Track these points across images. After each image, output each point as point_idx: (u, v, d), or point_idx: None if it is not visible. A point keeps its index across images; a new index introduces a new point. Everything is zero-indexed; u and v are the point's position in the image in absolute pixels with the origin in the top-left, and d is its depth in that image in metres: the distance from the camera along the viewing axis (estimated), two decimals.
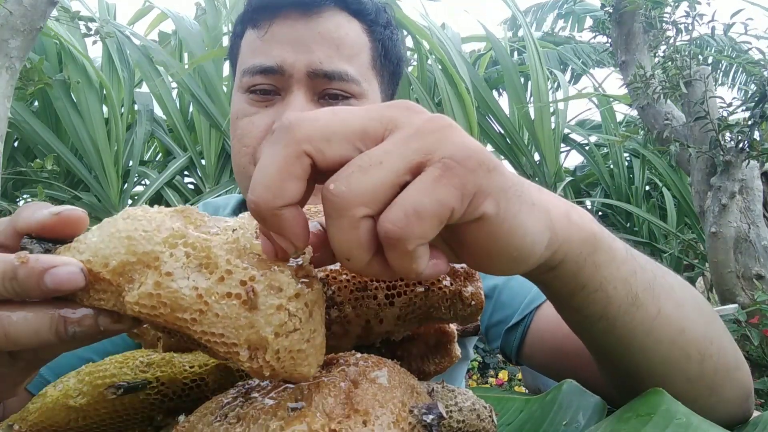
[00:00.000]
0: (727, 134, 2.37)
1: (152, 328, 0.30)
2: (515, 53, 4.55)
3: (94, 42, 2.99)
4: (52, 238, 0.28)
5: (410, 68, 3.44)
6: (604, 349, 0.43)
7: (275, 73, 0.65)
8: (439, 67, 3.19)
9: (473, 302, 0.37)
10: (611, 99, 4.12)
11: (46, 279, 0.26)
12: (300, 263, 0.27)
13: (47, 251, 0.28)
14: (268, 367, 0.25)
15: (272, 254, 0.26)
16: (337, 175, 0.25)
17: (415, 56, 3.37)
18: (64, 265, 0.26)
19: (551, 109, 3.55)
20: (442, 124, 0.27)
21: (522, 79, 3.78)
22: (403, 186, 0.25)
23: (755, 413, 0.48)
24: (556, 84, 4.12)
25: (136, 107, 3.61)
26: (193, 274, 0.25)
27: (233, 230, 0.28)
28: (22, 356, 0.30)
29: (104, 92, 3.19)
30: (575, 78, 5.14)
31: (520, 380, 3.23)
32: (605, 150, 4.32)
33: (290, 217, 0.26)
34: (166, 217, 0.27)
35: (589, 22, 5.14)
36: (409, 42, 3.38)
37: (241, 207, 0.81)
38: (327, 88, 0.66)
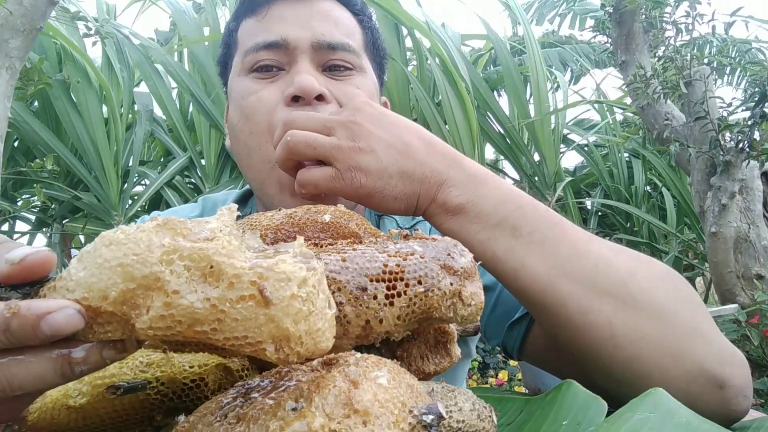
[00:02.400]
0: (727, 134, 2.37)
1: (164, 345, 0.29)
2: (516, 54, 4.55)
3: (94, 43, 2.99)
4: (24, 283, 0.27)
5: (410, 68, 3.43)
6: (522, 298, 0.52)
7: (280, 46, 0.66)
8: (439, 66, 3.18)
9: (473, 302, 0.37)
10: (611, 104, 4.12)
11: (42, 327, 0.25)
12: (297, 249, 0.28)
13: (27, 295, 0.26)
14: (294, 353, 0.26)
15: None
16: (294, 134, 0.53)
17: (415, 56, 3.37)
18: (60, 310, 0.25)
19: (550, 109, 3.55)
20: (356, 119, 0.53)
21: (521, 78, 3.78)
22: None
23: (757, 414, 0.47)
24: (555, 85, 4.11)
25: (135, 107, 3.61)
26: (200, 285, 0.25)
27: (220, 231, 0.28)
28: (27, 398, 0.30)
29: (104, 92, 3.19)
30: (575, 78, 5.14)
31: (520, 380, 3.23)
32: (605, 150, 4.32)
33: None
34: (151, 234, 0.26)
35: (589, 22, 5.14)
36: (408, 42, 3.37)
37: (239, 203, 0.81)
38: (330, 59, 0.67)
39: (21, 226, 3.79)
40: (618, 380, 0.48)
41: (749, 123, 2.27)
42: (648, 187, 4.24)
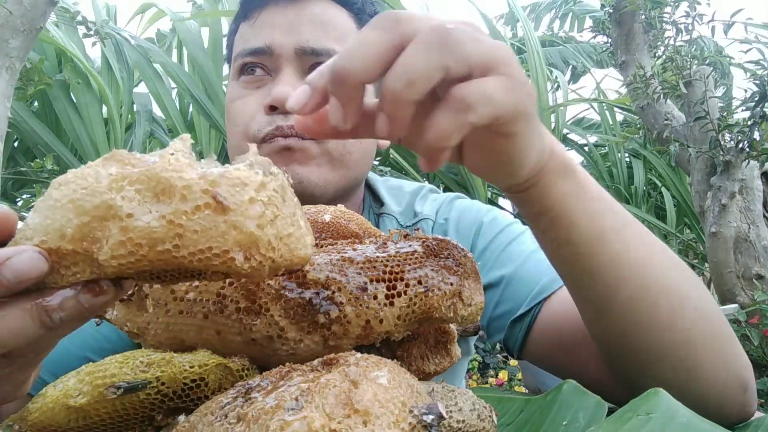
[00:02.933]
0: (727, 134, 2.37)
1: (138, 282, 0.28)
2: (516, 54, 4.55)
3: (94, 43, 2.99)
4: None
5: None
6: (574, 280, 0.47)
7: (264, 53, 0.68)
8: None
9: (473, 302, 0.37)
10: (611, 104, 4.12)
11: (5, 273, 0.25)
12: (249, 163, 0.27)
13: None
14: (267, 260, 0.25)
15: (300, 107, 0.32)
16: (455, 24, 0.31)
17: None
18: (19, 253, 0.25)
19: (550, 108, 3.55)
20: (510, 51, 0.33)
21: None
22: None
23: (758, 414, 0.47)
24: (556, 85, 4.11)
25: (135, 108, 3.61)
26: (153, 205, 0.25)
27: (171, 154, 0.27)
28: (15, 354, 0.29)
29: (102, 95, 3.19)
30: (574, 77, 5.15)
31: (520, 380, 3.23)
32: (605, 149, 4.32)
33: (360, 97, 0.31)
34: (98, 168, 0.26)
35: (588, 22, 5.14)
36: None
37: None
38: (315, 64, 0.68)
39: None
40: (669, 384, 0.42)
41: (749, 123, 2.27)
42: (648, 187, 4.24)
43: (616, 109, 4.26)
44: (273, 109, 0.66)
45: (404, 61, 0.29)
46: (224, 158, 3.39)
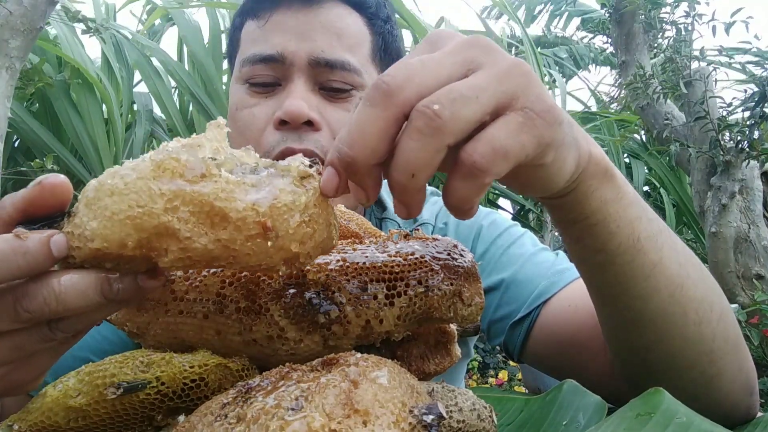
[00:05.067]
0: (727, 134, 2.37)
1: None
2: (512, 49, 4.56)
3: (91, 36, 2.98)
4: (43, 215, 0.29)
5: None
6: (603, 289, 0.45)
7: (276, 61, 0.65)
8: None
9: (473, 302, 0.37)
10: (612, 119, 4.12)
11: (52, 246, 0.28)
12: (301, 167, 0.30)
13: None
14: (303, 265, 0.29)
15: (333, 193, 0.30)
16: (439, 98, 0.27)
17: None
18: (56, 235, 0.28)
19: None
20: (525, 70, 0.29)
21: None
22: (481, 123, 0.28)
23: (759, 414, 0.48)
24: (552, 79, 4.12)
25: (135, 107, 3.61)
26: (208, 228, 0.27)
27: (214, 159, 0.29)
28: (60, 328, 0.30)
29: (102, 94, 3.19)
30: (567, 77, 5.15)
31: (520, 380, 3.23)
32: (604, 150, 4.31)
33: (376, 175, 0.29)
34: (149, 183, 0.27)
35: (575, 21, 5.15)
36: (408, 38, 3.38)
37: None
38: (328, 79, 0.65)
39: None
40: (687, 393, 0.40)
41: (749, 123, 2.27)
42: (647, 188, 4.24)
43: (614, 109, 4.26)
44: (283, 123, 0.63)
45: (402, 153, 0.28)
46: None
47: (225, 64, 3.52)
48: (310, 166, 0.30)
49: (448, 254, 0.37)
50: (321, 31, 0.65)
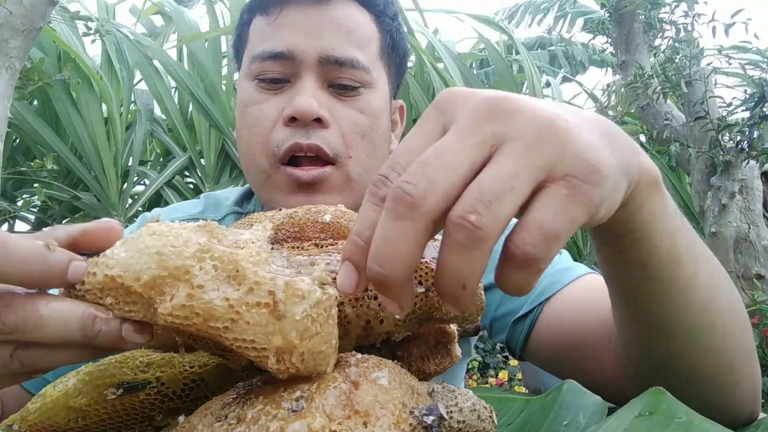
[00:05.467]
0: (727, 134, 2.37)
1: (177, 337, 0.31)
2: (513, 50, 4.57)
3: (93, 41, 2.99)
4: (88, 250, 0.30)
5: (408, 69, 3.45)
6: (635, 300, 0.42)
7: (286, 58, 0.65)
8: (435, 72, 3.20)
9: (474, 303, 0.37)
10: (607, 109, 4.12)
11: (70, 268, 0.28)
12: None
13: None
14: (294, 367, 0.27)
15: (352, 290, 0.28)
16: (474, 205, 0.24)
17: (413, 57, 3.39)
18: (82, 263, 0.28)
19: None
20: (557, 130, 0.26)
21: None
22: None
23: (761, 415, 0.48)
24: (547, 81, 4.13)
25: (135, 106, 3.61)
26: (223, 285, 0.27)
27: (252, 242, 0.30)
28: (22, 358, 0.29)
29: (102, 94, 3.19)
30: (565, 80, 5.15)
31: (520, 380, 3.23)
32: None
33: (411, 288, 0.27)
34: (191, 232, 0.29)
35: (579, 22, 5.14)
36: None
37: (243, 200, 0.80)
38: (338, 77, 0.66)
39: (21, 226, 3.79)
40: (704, 402, 0.40)
41: (749, 123, 2.27)
42: None
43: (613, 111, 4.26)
44: (292, 120, 0.63)
45: (448, 269, 0.25)
46: (224, 158, 3.37)
47: (224, 63, 3.52)
48: (334, 279, 0.30)
49: None
50: (330, 28, 0.65)
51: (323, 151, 0.64)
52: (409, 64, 3.45)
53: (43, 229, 0.31)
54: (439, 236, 0.40)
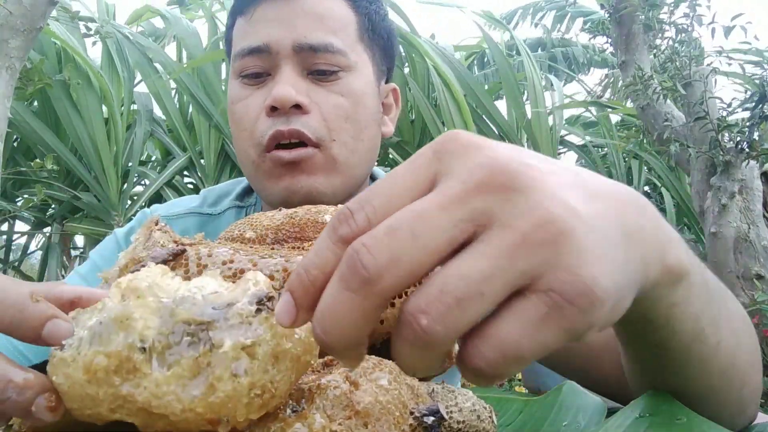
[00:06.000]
0: (727, 134, 2.37)
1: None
2: (514, 50, 4.58)
3: (94, 43, 2.99)
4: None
5: (406, 70, 3.45)
6: (647, 367, 0.40)
7: (262, 52, 0.67)
8: (436, 74, 3.21)
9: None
10: (607, 108, 4.13)
11: (48, 325, 0.26)
12: None
13: None
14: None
15: (289, 324, 0.23)
16: (430, 305, 0.20)
17: (407, 61, 3.40)
18: (64, 323, 0.26)
19: (547, 110, 3.57)
20: (555, 232, 0.21)
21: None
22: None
23: (760, 415, 0.48)
24: (549, 83, 4.12)
25: (135, 107, 3.61)
26: (156, 422, 0.25)
27: (143, 352, 0.24)
28: None
29: (103, 93, 3.19)
30: (567, 80, 5.15)
31: (520, 380, 3.23)
32: (604, 150, 4.32)
33: (360, 351, 0.23)
34: (86, 387, 0.24)
35: (578, 23, 5.15)
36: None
37: (244, 195, 0.82)
38: (314, 63, 0.67)
39: (21, 225, 3.79)
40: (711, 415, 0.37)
41: (749, 123, 2.27)
42: (647, 188, 4.24)
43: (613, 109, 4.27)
44: (273, 109, 0.65)
45: (400, 358, 0.22)
46: (223, 158, 3.36)
47: (223, 65, 3.52)
48: (267, 298, 0.25)
49: None
50: (302, 17, 0.67)
51: (305, 135, 0.65)
52: (407, 66, 3.47)
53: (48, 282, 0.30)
54: None
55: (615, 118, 4.41)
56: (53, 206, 3.49)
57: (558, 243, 0.21)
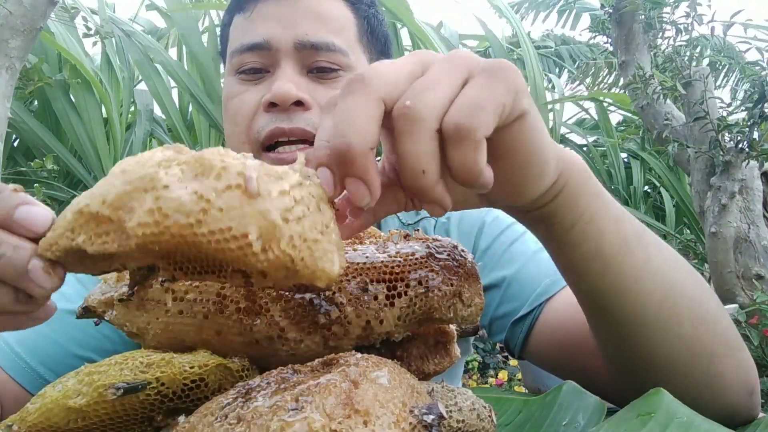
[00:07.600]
0: (727, 134, 2.37)
1: (163, 272, 0.28)
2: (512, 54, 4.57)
3: (95, 43, 2.99)
4: None
5: None
6: (598, 299, 0.44)
7: (262, 48, 0.67)
8: None
9: (473, 303, 0.37)
10: (606, 100, 4.12)
11: (21, 208, 0.27)
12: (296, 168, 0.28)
13: None
14: (287, 257, 0.25)
15: (330, 189, 0.28)
16: (407, 94, 0.29)
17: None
18: (39, 208, 0.27)
19: (548, 107, 3.56)
20: (469, 54, 0.31)
21: None
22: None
23: (761, 415, 0.48)
24: (551, 85, 4.12)
25: (135, 107, 3.61)
26: (191, 182, 0.25)
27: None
28: None
29: (101, 94, 3.19)
30: (570, 80, 5.14)
31: (520, 380, 3.23)
32: (604, 149, 4.32)
33: (374, 161, 0.29)
34: (156, 150, 0.27)
35: (585, 20, 5.13)
36: (407, 40, 3.38)
37: None
38: (315, 61, 0.67)
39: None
40: (690, 396, 0.40)
41: (748, 123, 2.27)
42: (647, 188, 4.24)
43: (613, 108, 4.27)
44: (272, 105, 0.65)
45: (402, 158, 0.29)
46: None
47: (223, 67, 3.52)
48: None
49: (449, 255, 0.37)
50: (304, 16, 0.67)
51: (309, 133, 0.65)
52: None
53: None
54: (439, 236, 0.40)
55: (618, 117, 4.41)
56: (53, 206, 3.49)
57: (474, 57, 0.32)
